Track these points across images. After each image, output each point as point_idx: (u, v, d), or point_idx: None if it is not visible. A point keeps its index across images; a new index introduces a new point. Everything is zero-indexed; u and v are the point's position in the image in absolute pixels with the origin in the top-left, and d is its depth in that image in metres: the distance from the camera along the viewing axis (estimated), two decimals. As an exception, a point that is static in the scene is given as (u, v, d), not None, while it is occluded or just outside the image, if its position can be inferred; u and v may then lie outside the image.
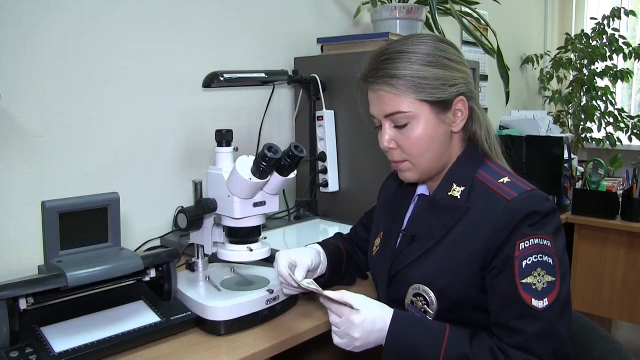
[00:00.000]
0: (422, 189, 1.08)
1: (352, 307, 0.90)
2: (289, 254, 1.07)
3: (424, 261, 0.98)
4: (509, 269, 0.88)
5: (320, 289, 0.96)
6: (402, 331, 0.90)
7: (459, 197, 0.97)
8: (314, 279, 1.10)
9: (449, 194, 0.98)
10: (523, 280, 0.87)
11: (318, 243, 1.20)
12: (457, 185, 0.98)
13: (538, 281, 0.86)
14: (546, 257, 0.87)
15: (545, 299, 0.86)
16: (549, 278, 0.87)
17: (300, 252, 1.10)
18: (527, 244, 0.88)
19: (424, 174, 1.01)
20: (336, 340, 0.92)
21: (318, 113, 1.77)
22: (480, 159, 1.01)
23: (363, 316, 0.89)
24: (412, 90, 0.93)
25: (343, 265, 1.22)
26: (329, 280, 1.17)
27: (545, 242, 0.88)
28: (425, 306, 0.97)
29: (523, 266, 0.87)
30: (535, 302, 0.86)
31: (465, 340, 0.89)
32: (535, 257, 0.87)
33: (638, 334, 2.96)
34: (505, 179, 0.95)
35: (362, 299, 0.92)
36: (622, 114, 3.19)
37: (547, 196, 0.93)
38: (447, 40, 1.00)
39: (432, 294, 0.96)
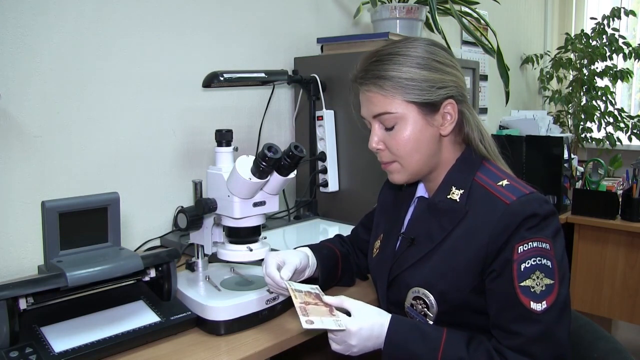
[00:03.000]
0: (421, 191, 1.08)
1: (349, 315, 0.90)
2: (278, 255, 1.07)
3: (424, 264, 0.98)
4: (508, 272, 0.88)
5: (322, 293, 0.96)
6: (399, 337, 0.90)
7: (458, 200, 0.97)
8: (304, 281, 1.10)
9: (448, 197, 0.98)
10: (522, 284, 0.87)
11: (314, 246, 1.19)
12: (456, 189, 0.98)
13: (537, 284, 0.86)
14: (545, 260, 0.87)
15: (544, 302, 0.86)
16: (548, 281, 0.87)
17: (288, 253, 1.10)
18: (526, 247, 0.88)
19: (413, 175, 1.01)
20: (334, 346, 0.93)
21: (318, 113, 1.77)
22: (479, 161, 1.01)
23: (359, 324, 0.89)
24: (400, 92, 0.93)
25: (338, 269, 1.21)
26: (324, 284, 1.16)
27: (544, 245, 0.88)
28: (426, 309, 0.97)
29: (522, 269, 0.87)
30: (533, 305, 0.86)
31: (462, 345, 0.89)
32: (534, 261, 0.87)
33: (638, 334, 2.96)
34: (505, 182, 0.95)
35: (360, 306, 0.93)
36: (622, 114, 3.20)
37: (546, 199, 0.93)
38: (440, 44, 1.00)
39: (432, 297, 0.96)
